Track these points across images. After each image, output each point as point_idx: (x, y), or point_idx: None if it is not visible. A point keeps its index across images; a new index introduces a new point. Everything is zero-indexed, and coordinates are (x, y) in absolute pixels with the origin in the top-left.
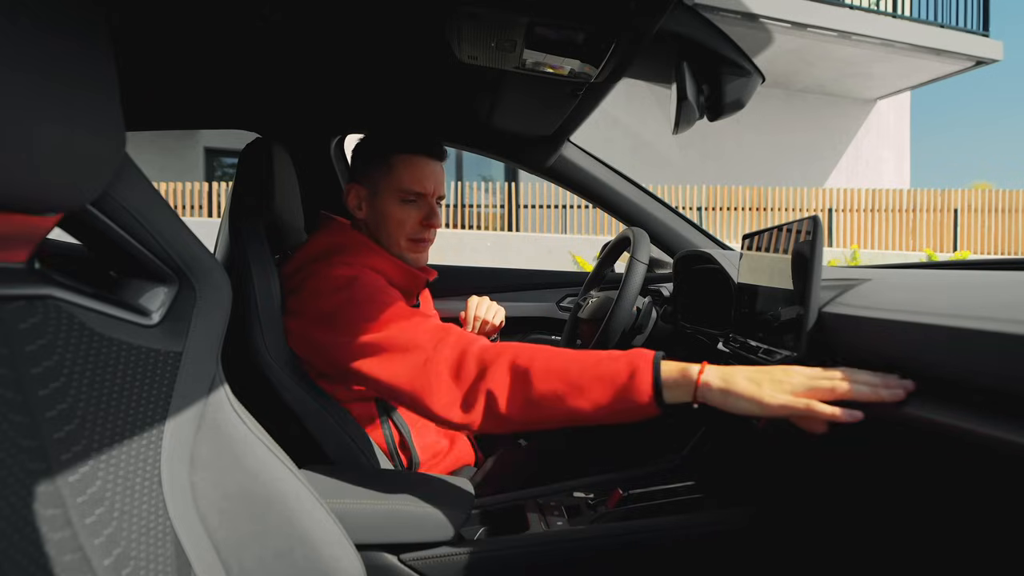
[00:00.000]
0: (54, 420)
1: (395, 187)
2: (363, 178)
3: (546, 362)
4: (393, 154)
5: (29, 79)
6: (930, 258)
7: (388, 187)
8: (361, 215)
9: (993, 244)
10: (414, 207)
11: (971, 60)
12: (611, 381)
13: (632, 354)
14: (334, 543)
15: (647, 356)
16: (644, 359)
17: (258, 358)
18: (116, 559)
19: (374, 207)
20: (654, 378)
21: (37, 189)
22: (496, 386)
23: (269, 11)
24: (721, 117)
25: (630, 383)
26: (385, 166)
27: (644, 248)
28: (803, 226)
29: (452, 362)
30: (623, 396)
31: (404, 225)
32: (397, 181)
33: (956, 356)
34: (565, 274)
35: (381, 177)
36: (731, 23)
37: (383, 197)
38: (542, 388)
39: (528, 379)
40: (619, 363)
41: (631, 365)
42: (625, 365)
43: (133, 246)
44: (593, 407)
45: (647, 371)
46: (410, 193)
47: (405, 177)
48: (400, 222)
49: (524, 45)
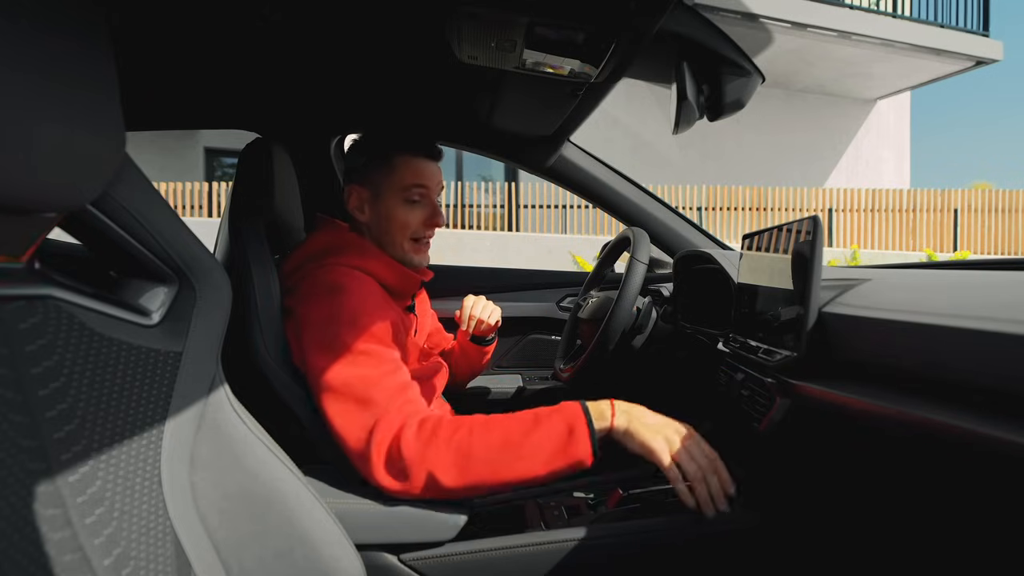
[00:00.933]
0: (54, 420)
1: (399, 187)
2: (364, 180)
3: (484, 436)
4: (395, 155)
5: (29, 79)
6: (930, 258)
7: (392, 188)
8: (364, 218)
9: (993, 244)
10: (418, 207)
11: (971, 60)
12: (551, 443)
13: (564, 411)
14: (334, 543)
15: (577, 412)
16: (577, 417)
17: (258, 358)
18: (116, 559)
19: (377, 209)
20: (590, 432)
21: (37, 189)
22: (436, 465)
23: (269, 11)
24: (721, 117)
25: (569, 441)
26: (387, 167)
27: (644, 248)
28: (803, 226)
29: (394, 436)
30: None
31: (408, 226)
32: (401, 181)
33: (956, 356)
34: (565, 274)
35: (383, 178)
36: (731, 23)
37: (387, 198)
38: (484, 463)
39: (469, 456)
40: (554, 423)
41: (567, 424)
42: (561, 423)
43: (133, 246)
44: (539, 471)
45: (583, 428)
46: (414, 192)
47: (408, 177)
48: (404, 223)
49: (524, 45)
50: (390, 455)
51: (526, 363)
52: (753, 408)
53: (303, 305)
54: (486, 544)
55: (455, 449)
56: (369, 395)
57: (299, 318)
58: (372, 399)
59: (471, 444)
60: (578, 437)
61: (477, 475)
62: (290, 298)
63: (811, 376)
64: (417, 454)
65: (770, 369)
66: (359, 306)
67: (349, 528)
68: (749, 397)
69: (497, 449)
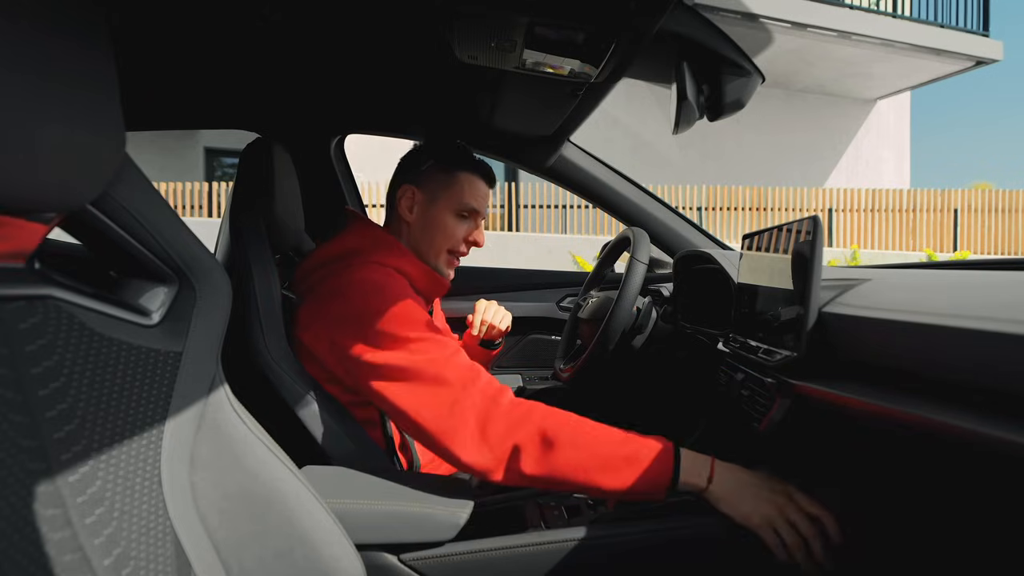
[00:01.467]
0: (54, 420)
1: (456, 200)
2: (421, 183)
3: (573, 433)
4: (460, 170)
5: (29, 79)
6: (930, 258)
7: (448, 198)
8: (410, 218)
9: (993, 244)
10: (466, 223)
11: (971, 60)
12: (636, 465)
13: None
14: (334, 543)
15: (668, 447)
16: (666, 450)
17: (258, 358)
18: (116, 559)
19: (427, 213)
20: (674, 472)
21: (37, 189)
22: (523, 445)
23: (269, 11)
24: (721, 117)
25: (653, 470)
26: (450, 178)
27: (644, 248)
28: (803, 226)
29: (480, 410)
30: (646, 482)
31: (453, 237)
32: (459, 195)
33: (956, 356)
34: (565, 274)
35: (442, 188)
36: (731, 23)
37: (441, 206)
38: (568, 458)
39: (555, 446)
40: (645, 448)
41: (656, 453)
42: (650, 452)
43: (133, 246)
44: (614, 487)
45: (668, 463)
46: (467, 209)
47: (467, 193)
48: (451, 234)
49: (524, 45)
50: (479, 428)
51: (526, 363)
52: (753, 408)
53: (335, 303)
54: (486, 544)
55: (544, 438)
56: (442, 375)
57: (333, 316)
58: (446, 378)
59: (559, 438)
60: (661, 472)
61: (557, 470)
62: (311, 297)
63: (811, 376)
64: (506, 430)
65: (770, 369)
66: (404, 300)
67: (349, 528)
68: (749, 397)
69: (584, 452)
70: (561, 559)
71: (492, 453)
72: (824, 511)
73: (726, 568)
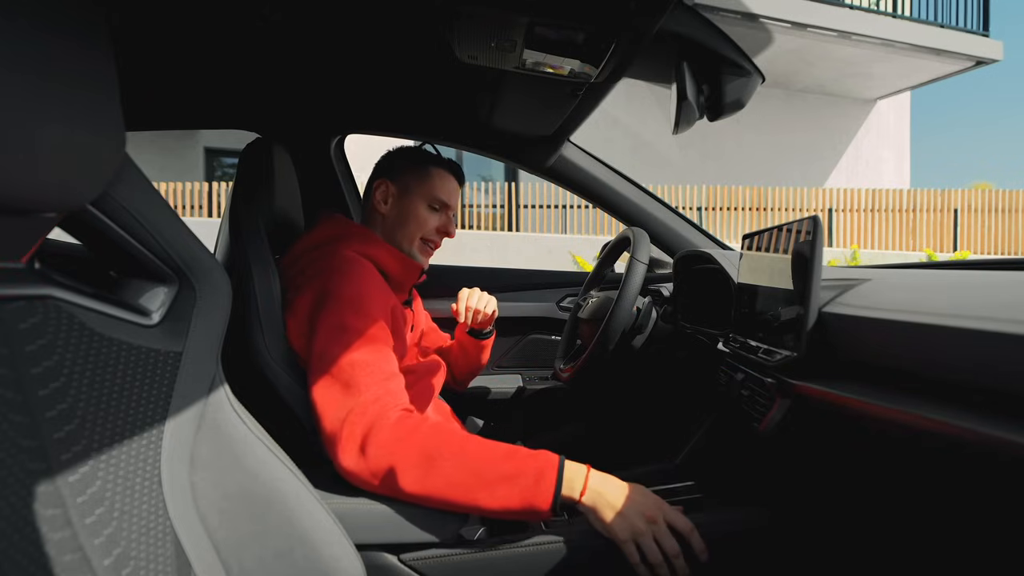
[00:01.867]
0: (54, 420)
1: (427, 193)
2: (395, 178)
3: (455, 451)
4: (432, 166)
5: (29, 79)
6: (930, 258)
7: (420, 190)
8: (384, 209)
9: (993, 244)
10: (436, 215)
11: (971, 60)
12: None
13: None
14: (334, 543)
15: (552, 464)
16: (549, 469)
17: (258, 358)
18: (116, 559)
19: (401, 204)
20: (556, 486)
21: (37, 189)
22: (402, 461)
23: (269, 11)
24: (721, 117)
25: (535, 488)
26: (423, 172)
27: (644, 248)
28: (803, 226)
29: (369, 421)
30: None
31: (424, 226)
32: (431, 188)
33: (956, 356)
34: (565, 274)
35: (415, 181)
36: (731, 23)
37: (413, 198)
38: (448, 476)
39: (435, 464)
40: (527, 465)
41: (537, 470)
42: (532, 468)
43: (133, 246)
44: (494, 506)
45: (552, 478)
46: (438, 202)
47: (438, 187)
48: (423, 223)
49: (524, 45)
50: (363, 440)
51: (526, 363)
52: (753, 408)
53: (305, 289)
54: (486, 544)
55: (424, 455)
56: (355, 379)
57: (302, 302)
58: (357, 384)
59: (440, 455)
60: (543, 489)
61: (435, 488)
62: (292, 290)
63: (811, 376)
64: (387, 444)
65: (770, 369)
66: (360, 287)
67: (349, 528)
68: (749, 397)
69: (464, 470)
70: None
71: (367, 465)
72: (692, 528)
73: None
